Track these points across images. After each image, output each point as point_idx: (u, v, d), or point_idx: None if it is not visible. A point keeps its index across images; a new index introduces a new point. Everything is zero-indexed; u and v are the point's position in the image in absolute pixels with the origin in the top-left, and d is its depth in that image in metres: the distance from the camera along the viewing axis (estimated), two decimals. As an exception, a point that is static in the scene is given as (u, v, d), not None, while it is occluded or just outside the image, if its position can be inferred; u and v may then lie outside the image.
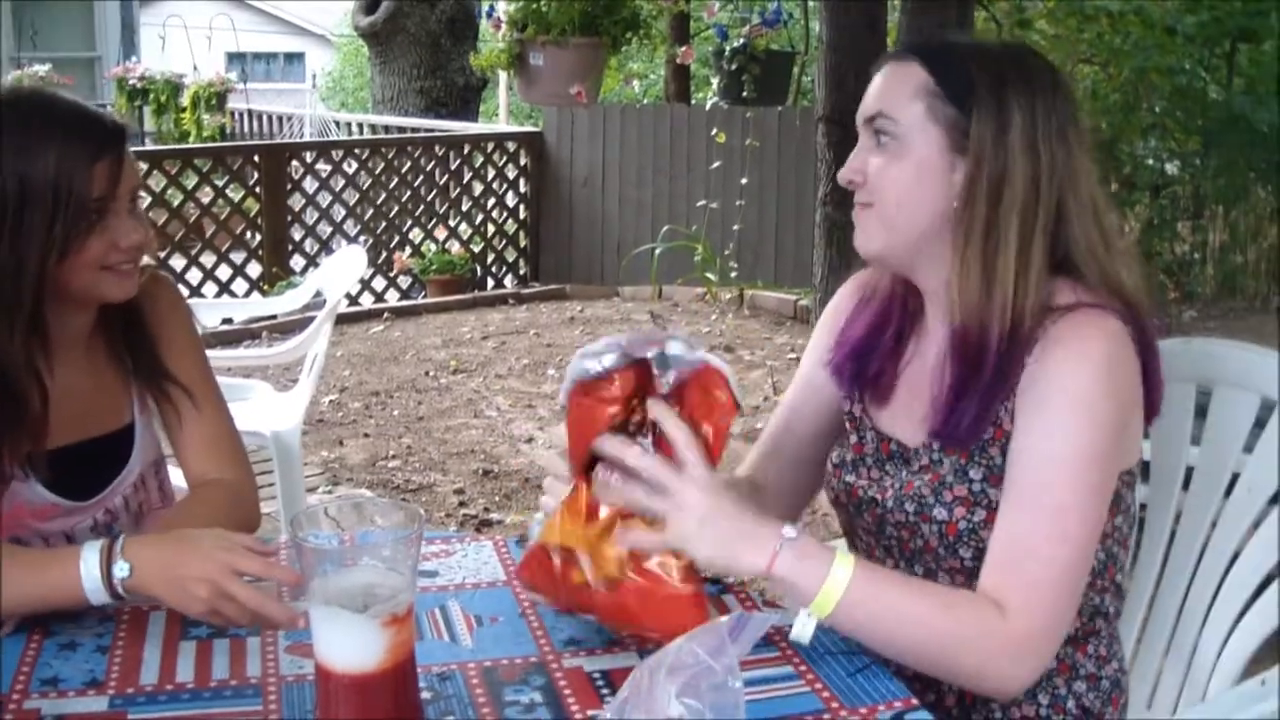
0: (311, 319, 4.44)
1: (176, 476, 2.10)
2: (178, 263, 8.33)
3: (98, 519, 1.97)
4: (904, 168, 1.71)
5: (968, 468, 1.71)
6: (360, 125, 12.47)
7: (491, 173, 9.79)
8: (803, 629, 1.57)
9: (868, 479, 1.85)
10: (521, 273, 9.91)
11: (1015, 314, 1.66)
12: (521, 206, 9.91)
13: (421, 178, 9.56)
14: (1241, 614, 1.92)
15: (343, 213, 9.39)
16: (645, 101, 12.74)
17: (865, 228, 1.77)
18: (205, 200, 8.69)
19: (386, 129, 11.41)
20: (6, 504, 1.85)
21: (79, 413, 1.93)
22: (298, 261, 8.97)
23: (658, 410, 1.56)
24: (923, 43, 1.82)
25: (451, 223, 9.60)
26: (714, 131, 8.94)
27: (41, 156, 1.77)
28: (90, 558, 1.63)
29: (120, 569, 1.62)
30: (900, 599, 1.58)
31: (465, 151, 9.78)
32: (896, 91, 1.73)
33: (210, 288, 8.44)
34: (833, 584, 1.54)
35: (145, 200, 7.87)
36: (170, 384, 2.01)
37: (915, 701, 1.52)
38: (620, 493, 1.56)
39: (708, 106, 9.41)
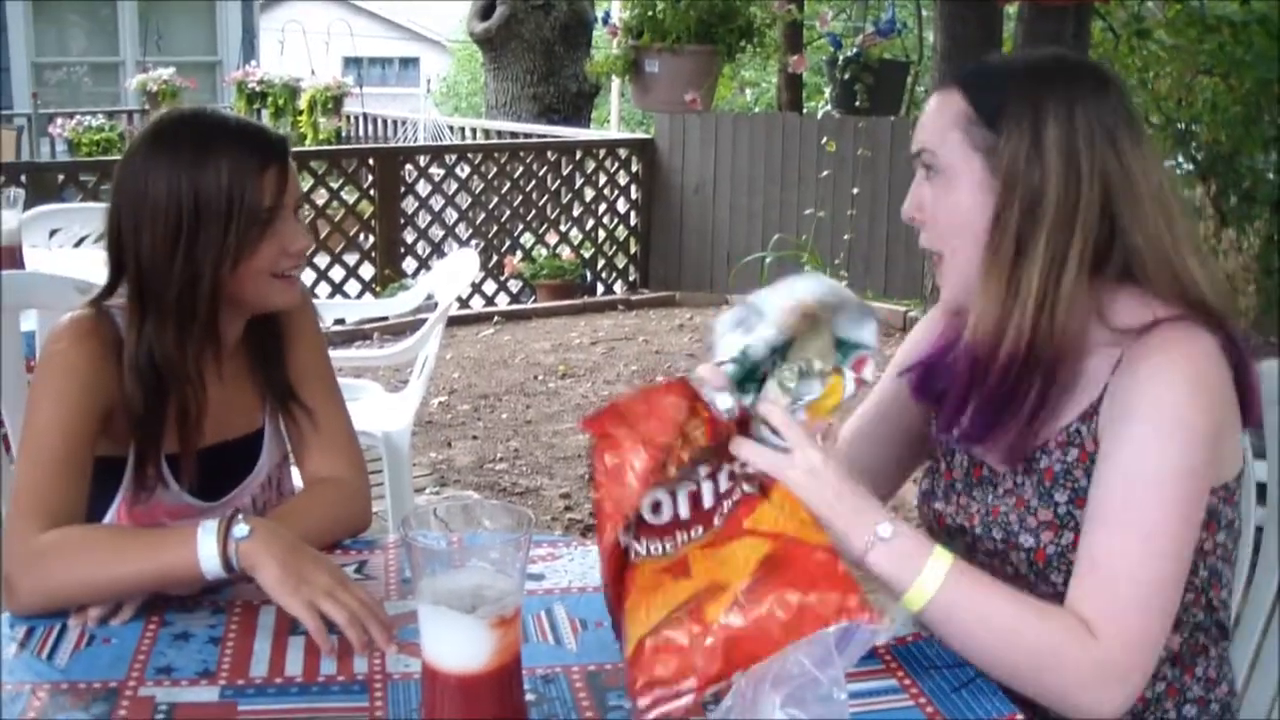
0: (422, 321, 4.48)
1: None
2: (292, 263, 8.43)
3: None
4: (950, 200, 1.70)
5: (1052, 490, 1.69)
6: (473, 130, 12.55)
7: (603, 179, 9.82)
8: (894, 620, 1.56)
9: (955, 506, 1.82)
10: (631, 279, 9.92)
11: (1033, 334, 1.62)
12: (632, 213, 9.92)
13: (533, 183, 9.60)
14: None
15: (455, 216, 9.48)
16: (757, 110, 12.72)
17: (944, 279, 1.76)
18: (320, 202, 8.79)
19: (499, 134, 11.48)
20: (144, 503, 1.91)
21: (218, 417, 1.98)
22: (410, 264, 9.07)
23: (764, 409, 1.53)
24: (967, 68, 1.79)
25: (562, 228, 9.64)
26: (825, 140, 8.91)
27: (214, 168, 1.83)
28: (209, 525, 1.68)
29: (240, 529, 1.67)
30: (993, 604, 1.55)
31: (577, 157, 9.82)
32: (936, 123, 1.72)
33: (323, 289, 8.54)
34: (927, 580, 1.53)
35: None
36: (295, 402, 2.06)
37: (1021, 718, 1.50)
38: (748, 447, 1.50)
39: (819, 115, 9.39)
